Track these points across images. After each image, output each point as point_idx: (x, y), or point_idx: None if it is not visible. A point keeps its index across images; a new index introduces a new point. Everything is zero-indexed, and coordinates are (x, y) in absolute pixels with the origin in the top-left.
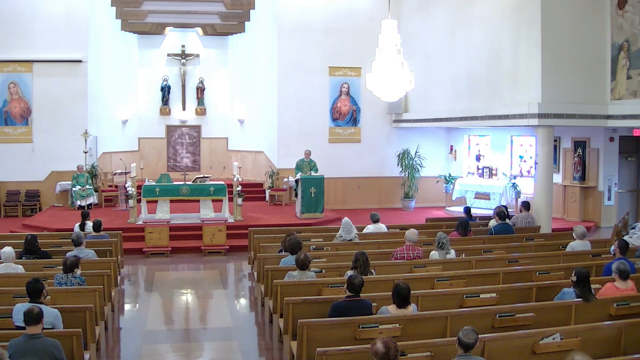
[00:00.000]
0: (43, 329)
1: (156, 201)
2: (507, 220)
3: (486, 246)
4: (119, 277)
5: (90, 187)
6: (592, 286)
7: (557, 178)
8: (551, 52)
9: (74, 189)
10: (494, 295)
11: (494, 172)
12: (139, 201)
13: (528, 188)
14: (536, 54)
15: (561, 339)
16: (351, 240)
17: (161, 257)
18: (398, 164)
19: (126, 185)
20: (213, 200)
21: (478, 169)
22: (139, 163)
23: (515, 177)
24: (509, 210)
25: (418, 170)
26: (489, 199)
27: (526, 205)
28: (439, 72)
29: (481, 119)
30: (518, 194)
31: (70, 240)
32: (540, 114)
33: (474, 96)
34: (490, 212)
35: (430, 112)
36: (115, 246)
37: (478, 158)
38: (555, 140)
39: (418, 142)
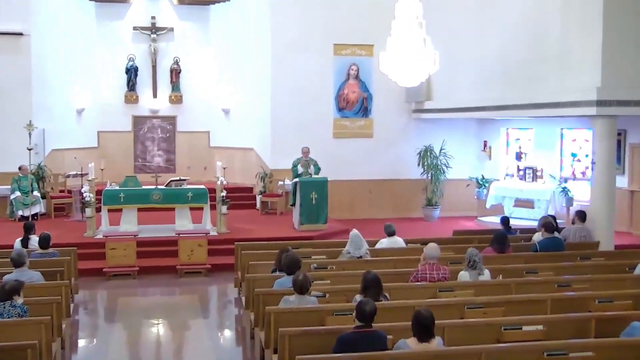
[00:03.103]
0: None
1: (120, 210)
2: (556, 234)
3: (529, 266)
4: (72, 305)
5: (36, 193)
6: None
7: (622, 181)
8: (616, 26)
9: (14, 195)
10: (540, 327)
11: (538, 173)
12: (98, 210)
13: (583, 194)
14: (596, 29)
15: None
16: (361, 257)
17: (126, 278)
18: (419, 164)
19: (82, 190)
20: (191, 209)
21: (519, 169)
22: (98, 163)
23: (566, 180)
24: (558, 221)
25: (443, 172)
26: (533, 207)
27: (581, 216)
28: (467, 54)
29: (522, 107)
30: (570, 201)
31: (10, 259)
32: (600, 100)
33: (512, 81)
34: (535, 224)
35: (459, 99)
36: (68, 266)
37: (519, 156)
38: (619, 134)
39: (443, 137)
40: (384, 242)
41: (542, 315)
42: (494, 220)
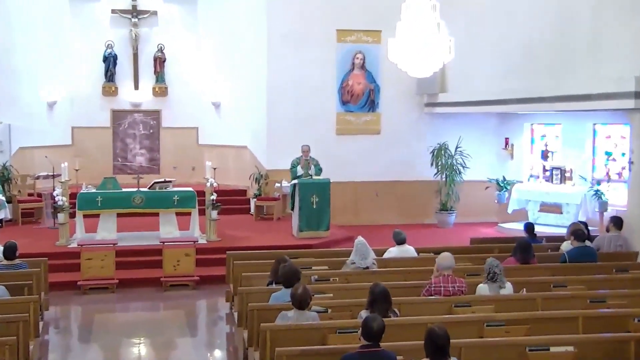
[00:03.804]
0: None
1: (98, 215)
2: (588, 243)
3: (557, 278)
4: (41, 324)
5: (1, 197)
6: None
7: None
8: None
9: None
10: (570, 348)
11: (567, 174)
12: (72, 215)
13: (618, 197)
14: (634, 11)
15: None
16: (367, 268)
17: (104, 292)
18: (432, 164)
19: (54, 194)
20: (177, 214)
21: (545, 170)
22: (72, 162)
23: (599, 182)
24: (590, 228)
25: (460, 173)
26: (561, 213)
27: (616, 222)
28: (486, 41)
29: (548, 100)
30: (603, 205)
31: None
32: (638, 92)
33: (536, 71)
34: (563, 231)
35: (477, 92)
36: (38, 279)
37: (545, 155)
38: None
39: (460, 134)
40: (393, 251)
41: (573, 335)
42: (517, 227)
